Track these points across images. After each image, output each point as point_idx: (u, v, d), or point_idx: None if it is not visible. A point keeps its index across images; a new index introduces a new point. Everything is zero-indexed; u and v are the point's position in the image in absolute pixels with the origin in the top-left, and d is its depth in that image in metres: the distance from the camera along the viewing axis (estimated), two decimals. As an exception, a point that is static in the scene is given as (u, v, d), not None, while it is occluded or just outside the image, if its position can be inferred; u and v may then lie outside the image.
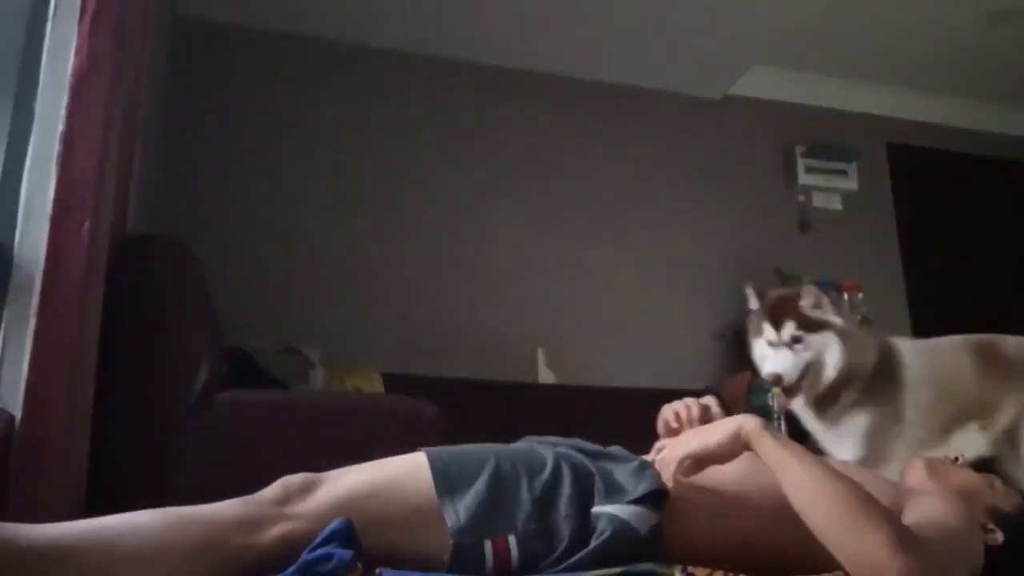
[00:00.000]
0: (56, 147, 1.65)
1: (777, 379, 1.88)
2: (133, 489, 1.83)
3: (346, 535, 1.09)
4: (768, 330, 1.92)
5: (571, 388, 3.56)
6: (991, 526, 1.25)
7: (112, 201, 1.83)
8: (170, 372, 1.95)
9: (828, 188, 4.28)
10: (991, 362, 1.86)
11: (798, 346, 1.88)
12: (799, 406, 1.94)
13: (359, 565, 1.05)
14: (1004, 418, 1.84)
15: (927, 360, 1.87)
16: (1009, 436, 1.87)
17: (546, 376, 3.60)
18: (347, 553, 1.05)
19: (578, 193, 3.94)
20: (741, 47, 3.85)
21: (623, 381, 3.57)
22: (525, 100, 3.96)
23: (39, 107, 1.72)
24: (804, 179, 4.22)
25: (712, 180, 4.14)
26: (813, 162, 4.24)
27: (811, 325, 1.87)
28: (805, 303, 1.89)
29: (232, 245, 3.27)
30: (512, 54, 3.86)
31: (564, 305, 3.73)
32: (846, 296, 3.72)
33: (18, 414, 1.52)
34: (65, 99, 1.67)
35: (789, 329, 1.88)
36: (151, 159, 2.88)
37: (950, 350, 1.91)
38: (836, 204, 4.31)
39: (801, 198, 4.25)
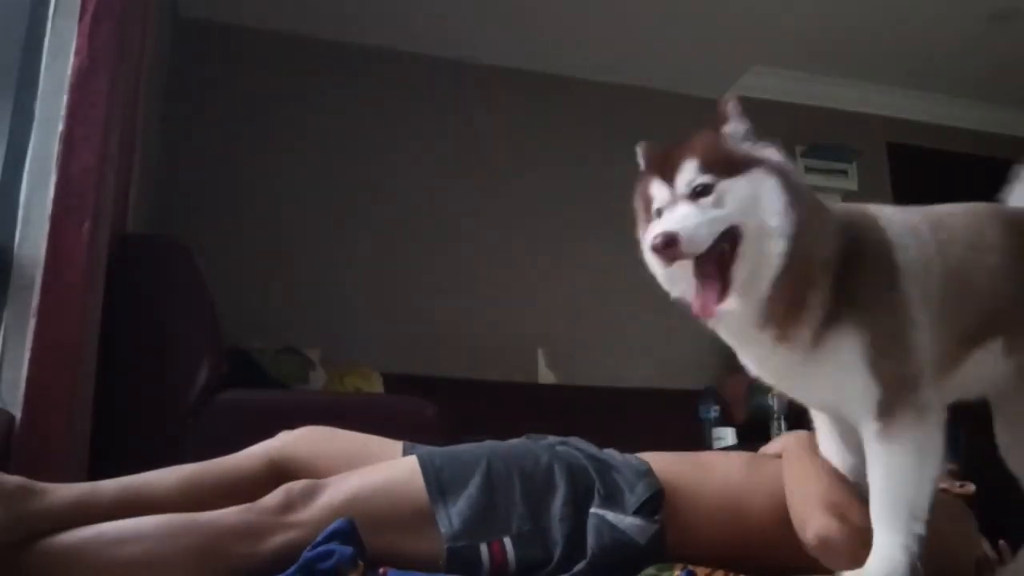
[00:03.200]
0: (56, 147, 1.65)
1: (669, 240, 1.04)
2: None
3: (347, 533, 1.10)
4: (658, 188, 1.14)
5: (571, 388, 3.56)
6: None
7: (112, 201, 1.83)
8: (170, 372, 1.95)
9: (828, 188, 4.27)
10: None
11: (705, 200, 1.09)
12: (734, 328, 1.13)
13: (360, 563, 1.06)
14: None
15: (930, 233, 1.16)
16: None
17: (546, 376, 3.60)
18: (348, 549, 1.06)
19: (578, 193, 3.94)
20: (741, 47, 3.85)
21: (623, 381, 3.57)
22: (525, 100, 3.96)
23: (39, 107, 1.72)
24: (804, 179, 4.21)
25: (712, 180, 4.13)
26: (813, 162, 4.24)
27: (726, 164, 1.13)
28: (714, 140, 1.20)
29: (232, 245, 3.27)
30: (512, 54, 3.86)
31: (564, 305, 3.73)
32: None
33: (18, 414, 1.52)
34: (65, 99, 1.67)
35: (688, 173, 1.12)
36: (151, 159, 2.88)
37: (971, 219, 1.23)
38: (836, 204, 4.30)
39: (801, 198, 4.24)
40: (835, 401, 1.18)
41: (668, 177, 1.14)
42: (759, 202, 1.08)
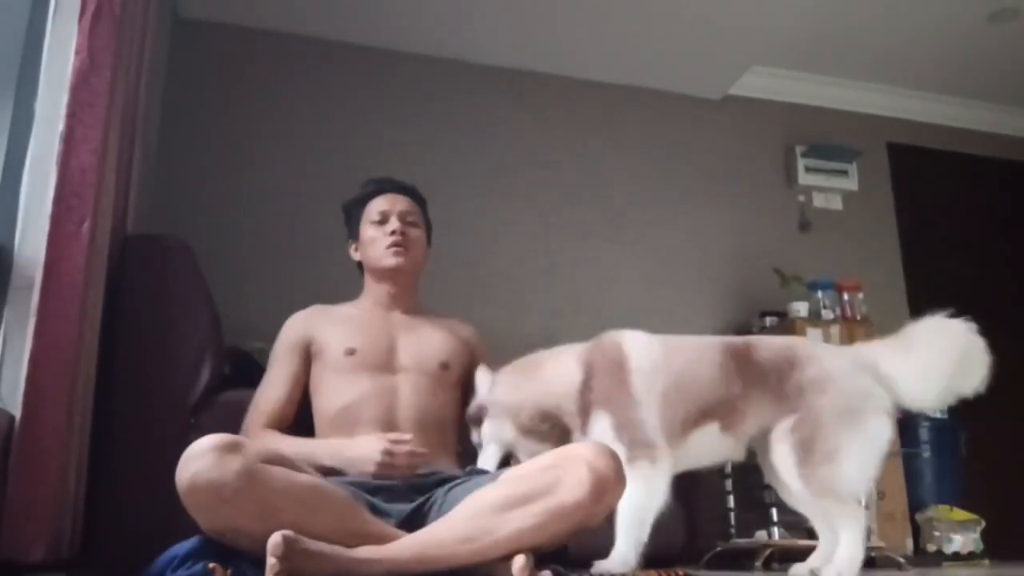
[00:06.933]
0: (56, 147, 1.65)
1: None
2: (133, 489, 1.83)
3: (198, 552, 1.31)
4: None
5: (571, 388, 3.55)
6: None
7: (112, 201, 1.83)
8: (171, 372, 1.95)
9: (828, 188, 4.28)
10: (742, 363, 1.75)
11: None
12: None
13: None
14: (752, 423, 1.74)
15: (660, 351, 1.78)
16: (762, 442, 1.78)
17: (546, 376, 3.59)
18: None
19: (578, 193, 3.94)
20: (741, 47, 3.85)
21: (623, 381, 3.56)
22: (525, 100, 3.96)
23: (39, 107, 1.72)
24: (804, 179, 4.22)
25: (712, 180, 4.14)
26: (813, 162, 4.24)
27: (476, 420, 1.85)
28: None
29: (232, 245, 3.27)
30: (512, 54, 3.86)
31: (564, 305, 3.73)
32: (846, 296, 3.72)
33: (18, 414, 1.52)
34: (65, 99, 1.67)
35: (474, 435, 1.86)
36: (151, 159, 2.88)
37: (699, 347, 1.82)
38: (836, 204, 4.31)
39: (801, 198, 4.25)
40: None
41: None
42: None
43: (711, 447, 1.76)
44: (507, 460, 1.82)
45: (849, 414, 1.69)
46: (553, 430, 1.76)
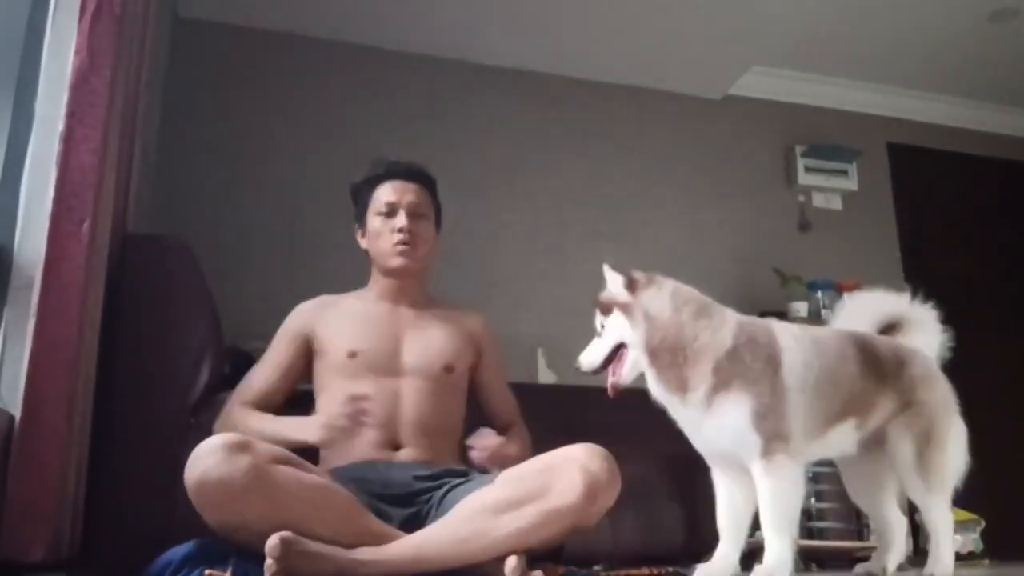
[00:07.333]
0: (56, 147, 1.65)
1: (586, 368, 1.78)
2: (133, 489, 1.83)
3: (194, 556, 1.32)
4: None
5: (571, 388, 3.54)
6: None
7: (112, 201, 1.83)
8: (171, 372, 1.95)
9: (828, 188, 4.28)
10: (870, 359, 1.76)
11: (600, 336, 1.79)
12: (660, 396, 1.69)
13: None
14: (878, 418, 1.76)
15: (810, 346, 1.72)
16: (877, 436, 1.80)
17: (546, 376, 3.59)
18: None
19: (578, 193, 3.94)
20: (741, 47, 3.85)
21: (623, 381, 3.56)
22: (525, 100, 3.96)
23: (39, 107, 1.72)
24: (804, 179, 4.22)
25: (712, 180, 4.14)
26: (813, 162, 4.24)
27: (606, 309, 1.78)
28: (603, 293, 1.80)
29: (232, 245, 3.27)
30: (512, 54, 3.86)
31: (564, 305, 3.72)
32: (846, 296, 3.71)
33: (18, 414, 1.52)
34: (65, 99, 1.67)
35: (598, 320, 1.81)
36: (151, 159, 2.88)
37: (838, 340, 1.79)
38: (836, 204, 4.31)
39: (801, 198, 4.25)
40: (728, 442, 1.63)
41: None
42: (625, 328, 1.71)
43: (842, 442, 1.75)
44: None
45: (950, 409, 1.80)
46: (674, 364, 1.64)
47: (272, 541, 1.24)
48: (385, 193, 1.97)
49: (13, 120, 1.77)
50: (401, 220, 1.92)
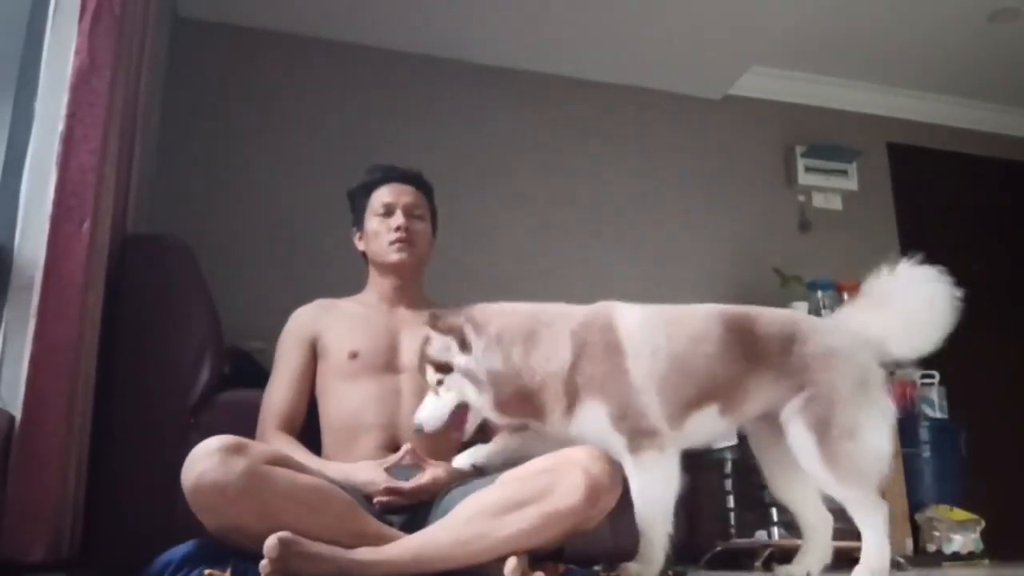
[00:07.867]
0: (56, 147, 1.65)
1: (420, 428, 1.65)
2: (133, 489, 1.83)
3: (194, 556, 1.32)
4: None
5: (571, 388, 3.55)
6: None
7: (112, 201, 1.83)
8: (171, 372, 1.95)
9: (828, 188, 4.28)
10: (742, 338, 1.61)
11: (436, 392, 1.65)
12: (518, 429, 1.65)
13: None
14: (756, 402, 1.60)
15: (659, 328, 1.61)
16: (767, 426, 1.65)
17: (546, 376, 3.59)
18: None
19: (578, 193, 3.94)
20: (741, 47, 3.85)
21: (623, 381, 3.56)
22: (525, 100, 3.96)
23: (39, 107, 1.72)
24: (804, 179, 4.22)
25: (712, 180, 4.14)
26: (813, 162, 4.24)
27: (442, 368, 1.63)
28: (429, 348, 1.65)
29: (232, 245, 3.27)
30: (511, 54, 3.86)
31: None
32: (846, 296, 3.72)
33: (18, 414, 1.52)
34: (65, 99, 1.67)
35: (431, 375, 1.66)
36: (151, 159, 2.88)
37: (699, 320, 1.65)
38: (836, 204, 4.31)
39: (801, 198, 4.25)
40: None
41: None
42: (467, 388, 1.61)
43: (707, 430, 1.64)
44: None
45: (862, 388, 1.61)
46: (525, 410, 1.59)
47: (271, 541, 1.24)
48: (383, 195, 1.99)
49: (13, 120, 1.77)
50: (399, 219, 1.95)
